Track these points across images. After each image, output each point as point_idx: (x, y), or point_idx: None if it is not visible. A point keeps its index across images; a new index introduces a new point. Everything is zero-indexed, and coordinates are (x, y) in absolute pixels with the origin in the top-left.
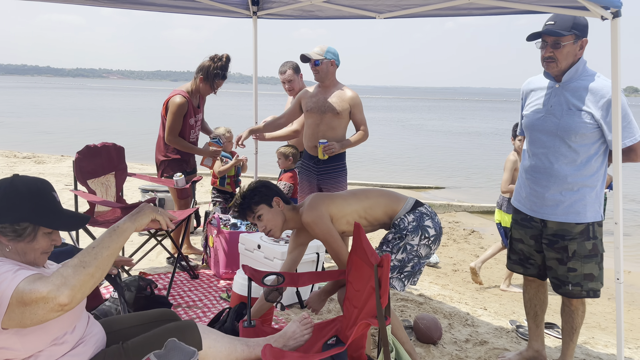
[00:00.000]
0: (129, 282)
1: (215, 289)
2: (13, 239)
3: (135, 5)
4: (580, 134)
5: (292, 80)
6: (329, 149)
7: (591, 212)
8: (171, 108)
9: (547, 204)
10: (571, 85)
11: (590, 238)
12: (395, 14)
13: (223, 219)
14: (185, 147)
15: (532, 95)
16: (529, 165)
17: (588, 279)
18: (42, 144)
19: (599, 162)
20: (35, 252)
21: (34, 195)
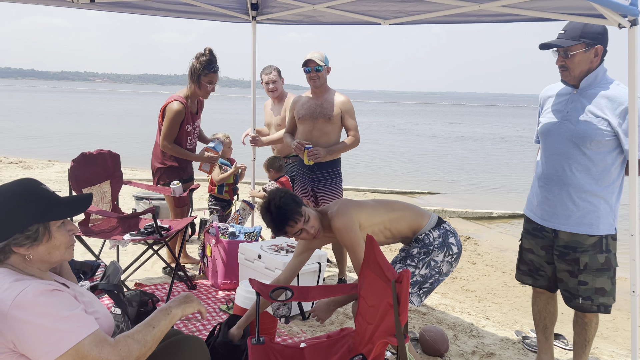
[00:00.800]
0: (130, 297)
1: (214, 300)
2: (31, 245)
3: (134, 9)
4: (595, 141)
5: (276, 81)
6: (313, 154)
7: (605, 225)
8: (168, 114)
9: (558, 214)
10: (589, 92)
11: (603, 251)
12: (401, 20)
13: (221, 227)
14: (180, 153)
15: (550, 101)
16: (542, 172)
17: (599, 293)
18: (28, 149)
19: (615, 174)
20: (60, 249)
21: (27, 195)
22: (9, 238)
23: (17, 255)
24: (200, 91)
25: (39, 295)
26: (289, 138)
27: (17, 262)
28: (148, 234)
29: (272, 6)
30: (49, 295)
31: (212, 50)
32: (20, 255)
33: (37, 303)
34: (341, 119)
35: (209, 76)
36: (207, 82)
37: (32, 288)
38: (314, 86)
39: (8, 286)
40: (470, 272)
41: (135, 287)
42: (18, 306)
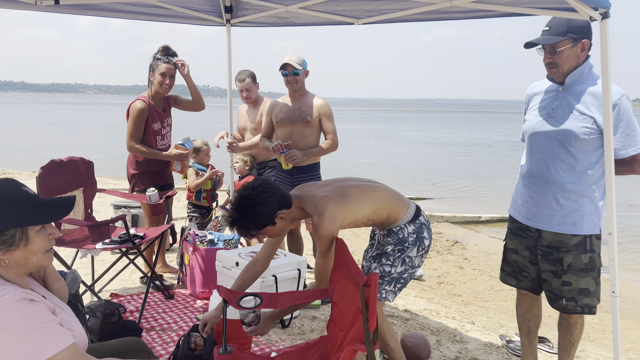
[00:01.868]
0: (94, 307)
1: (192, 310)
2: (6, 250)
3: (101, 12)
4: (580, 139)
5: (250, 89)
6: (290, 157)
7: (589, 224)
8: (131, 113)
9: (542, 213)
10: (575, 89)
11: (587, 251)
12: (373, 19)
13: (199, 235)
14: (147, 153)
15: (535, 99)
16: (526, 170)
17: (583, 294)
18: (14, 160)
19: (599, 172)
20: (37, 254)
21: (4, 198)
22: None
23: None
24: (157, 86)
25: (17, 302)
26: (266, 142)
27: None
28: (121, 243)
29: (245, 8)
30: (28, 303)
31: (169, 46)
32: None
33: (14, 310)
34: (319, 122)
35: (160, 67)
36: (160, 73)
37: (11, 295)
38: (292, 90)
39: None
40: (457, 276)
41: (110, 297)
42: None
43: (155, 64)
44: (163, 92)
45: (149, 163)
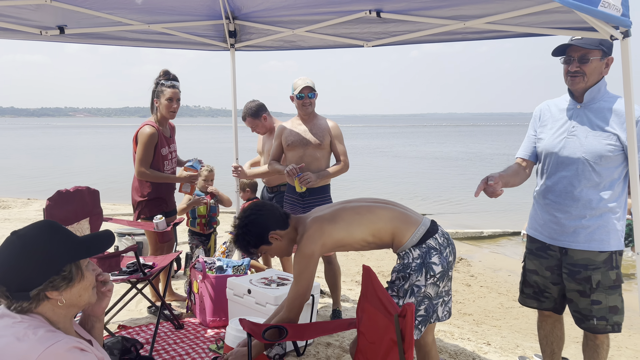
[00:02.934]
0: (111, 344)
1: (203, 340)
2: (66, 287)
3: (107, 40)
4: (605, 156)
5: (253, 126)
6: (304, 180)
7: (615, 240)
8: (141, 139)
9: (567, 231)
10: (594, 106)
11: (614, 267)
12: (384, 41)
13: (208, 262)
14: (159, 177)
15: (550, 117)
16: (548, 189)
17: (613, 311)
18: (5, 187)
19: (620, 187)
20: (88, 290)
21: (55, 234)
22: (45, 281)
23: (47, 303)
24: (164, 111)
25: (69, 351)
26: (277, 165)
27: (46, 311)
28: (131, 273)
29: (250, 32)
30: (79, 354)
31: (168, 70)
32: (51, 302)
33: (67, 357)
34: (330, 144)
35: (166, 92)
36: (166, 98)
37: (63, 343)
38: (305, 113)
39: (42, 335)
40: (465, 294)
41: (118, 329)
42: (47, 359)
43: (161, 90)
44: (170, 117)
45: (156, 190)
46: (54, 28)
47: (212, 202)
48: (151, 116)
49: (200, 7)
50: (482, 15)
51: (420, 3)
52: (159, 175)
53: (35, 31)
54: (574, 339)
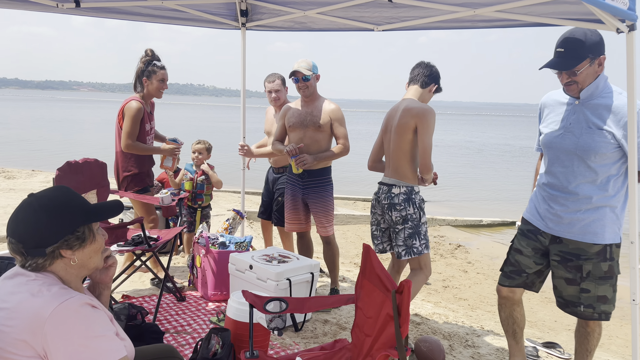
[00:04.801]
0: (118, 310)
1: (204, 312)
2: (79, 247)
3: (121, 15)
4: (600, 153)
5: (279, 90)
6: (300, 161)
7: (610, 234)
8: (128, 113)
9: (563, 222)
10: (591, 103)
11: (607, 259)
12: (393, 26)
13: (211, 237)
14: (143, 149)
15: (551, 110)
16: (547, 183)
17: (601, 301)
18: (10, 158)
19: (620, 182)
20: (97, 253)
21: (69, 198)
22: (60, 240)
23: (61, 261)
24: (154, 91)
25: (82, 306)
26: (279, 145)
27: (59, 270)
28: (136, 245)
29: (261, 12)
30: (91, 309)
31: (152, 50)
32: (64, 260)
33: (78, 315)
34: (331, 126)
35: (159, 74)
36: (158, 80)
37: (77, 299)
38: (303, 95)
39: (56, 291)
40: (462, 280)
41: (122, 299)
42: (59, 314)
43: (153, 70)
44: (159, 96)
45: (141, 164)
46: (70, 1)
47: (200, 179)
48: (137, 93)
49: None
50: (493, 4)
51: None
52: (145, 147)
53: (51, 3)
54: (566, 327)
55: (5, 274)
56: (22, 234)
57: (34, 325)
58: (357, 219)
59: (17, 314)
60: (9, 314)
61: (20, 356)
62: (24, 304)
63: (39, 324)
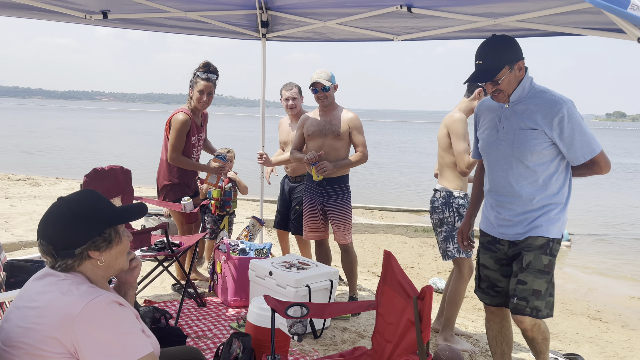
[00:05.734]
0: (143, 313)
1: (224, 318)
2: (106, 248)
3: (146, 26)
4: (535, 152)
5: (296, 98)
6: (321, 168)
7: (554, 228)
8: (174, 125)
9: (513, 225)
10: (519, 106)
11: (547, 253)
12: (413, 36)
13: (232, 244)
14: (189, 164)
15: (485, 116)
16: (491, 189)
17: (535, 295)
18: (35, 166)
19: (561, 180)
20: (123, 255)
21: (97, 202)
22: (87, 242)
23: (89, 262)
24: (195, 102)
25: (109, 304)
26: (297, 154)
27: (87, 270)
28: (159, 250)
29: (282, 23)
30: (118, 307)
31: (209, 62)
32: (92, 261)
33: (106, 312)
34: (349, 135)
35: (199, 84)
36: (198, 90)
37: (104, 297)
38: (322, 105)
39: (84, 290)
40: None
41: (144, 304)
42: (88, 312)
43: (195, 81)
44: (201, 107)
45: (182, 175)
46: (98, 13)
47: (227, 186)
48: (186, 103)
49: None
50: (513, 13)
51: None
52: (190, 163)
53: (80, 15)
54: (589, 339)
55: (35, 275)
56: (52, 236)
57: (64, 323)
58: (375, 228)
59: (47, 312)
60: (40, 312)
61: (51, 353)
62: (54, 302)
63: (69, 321)
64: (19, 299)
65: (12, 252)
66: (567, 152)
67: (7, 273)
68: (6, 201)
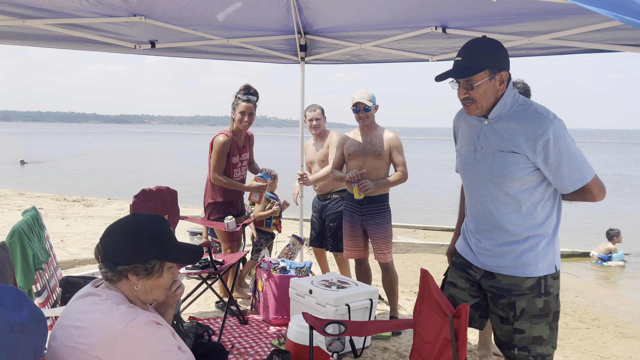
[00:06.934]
0: (187, 328)
1: (266, 335)
2: (144, 277)
3: (191, 53)
4: (517, 179)
5: (319, 118)
6: (363, 187)
7: (543, 264)
8: (214, 147)
9: (494, 256)
10: (500, 125)
11: (541, 294)
12: (448, 56)
13: (273, 262)
14: (231, 184)
15: (463, 131)
16: (471, 215)
17: (537, 342)
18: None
19: (548, 207)
20: (160, 289)
21: (159, 232)
22: (130, 264)
23: (126, 282)
24: (237, 123)
25: (148, 324)
26: (338, 173)
27: (125, 289)
28: (203, 268)
29: (320, 47)
30: (156, 327)
31: (249, 85)
32: (129, 282)
33: (144, 332)
34: (390, 155)
35: (240, 106)
36: (239, 111)
37: (143, 317)
38: (363, 125)
39: (124, 310)
40: None
41: (189, 320)
42: (129, 332)
43: (236, 103)
44: (242, 128)
45: (226, 194)
46: (147, 42)
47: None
48: (229, 125)
49: (275, 24)
50: (548, 32)
51: (486, 19)
52: (231, 183)
53: (130, 45)
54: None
55: (78, 293)
56: (106, 244)
57: (106, 343)
58: (417, 247)
59: (90, 332)
60: (84, 332)
61: None
62: (97, 322)
63: (111, 341)
64: (64, 317)
65: (67, 269)
66: (554, 179)
67: (63, 289)
68: (62, 221)
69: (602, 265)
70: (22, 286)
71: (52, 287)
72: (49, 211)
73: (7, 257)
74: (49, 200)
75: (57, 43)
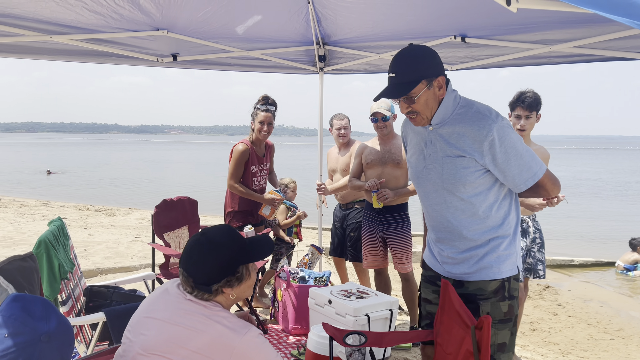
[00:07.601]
0: None
1: (285, 345)
2: (238, 285)
3: (212, 65)
4: (468, 183)
5: (347, 127)
6: (382, 196)
7: (506, 265)
8: (233, 155)
9: (458, 263)
10: (445, 129)
11: (506, 298)
12: (468, 65)
13: (292, 272)
14: (244, 193)
15: (411, 139)
16: (429, 223)
17: (500, 350)
18: (110, 197)
19: (505, 208)
20: (250, 287)
21: (233, 239)
22: (222, 280)
23: (222, 296)
24: (257, 132)
25: (258, 337)
26: (357, 182)
27: (221, 301)
28: None
29: (338, 57)
30: (263, 339)
31: (268, 96)
32: (225, 295)
33: (258, 345)
34: None
35: (259, 116)
36: (258, 121)
37: (254, 330)
38: (381, 134)
39: (236, 322)
40: (551, 323)
41: None
42: (247, 343)
43: (255, 113)
44: (262, 138)
45: (245, 202)
46: (169, 56)
47: None
48: (248, 135)
49: (294, 35)
50: (569, 40)
51: (506, 28)
52: (246, 192)
53: (152, 58)
54: None
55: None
56: (191, 271)
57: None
58: None
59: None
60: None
61: None
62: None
63: (228, 351)
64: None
65: (90, 278)
66: (505, 179)
67: (87, 298)
68: (85, 230)
69: (627, 275)
70: (49, 295)
71: (76, 296)
72: (72, 220)
73: (35, 267)
74: (72, 210)
75: (82, 57)
